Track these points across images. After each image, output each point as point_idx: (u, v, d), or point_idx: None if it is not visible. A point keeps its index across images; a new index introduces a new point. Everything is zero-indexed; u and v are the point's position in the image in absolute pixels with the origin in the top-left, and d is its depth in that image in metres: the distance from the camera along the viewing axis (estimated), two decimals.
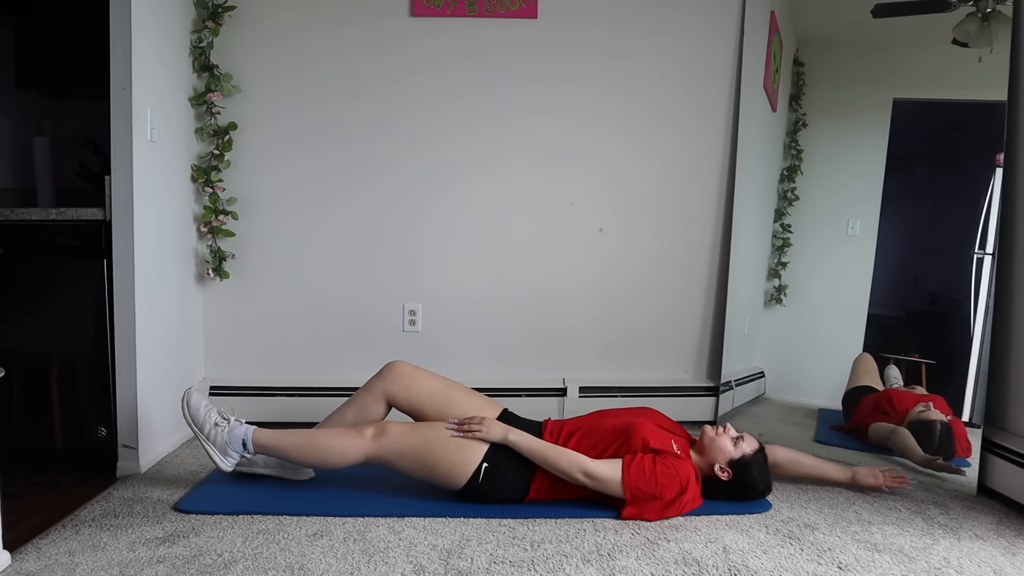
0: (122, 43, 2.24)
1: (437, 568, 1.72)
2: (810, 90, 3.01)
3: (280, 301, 2.98)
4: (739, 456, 2.11)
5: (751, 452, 2.13)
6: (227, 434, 2.10)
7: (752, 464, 2.12)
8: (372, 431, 2.07)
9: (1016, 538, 1.97)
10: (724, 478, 2.11)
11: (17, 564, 1.72)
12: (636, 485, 1.98)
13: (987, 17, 2.43)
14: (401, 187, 2.97)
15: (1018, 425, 2.28)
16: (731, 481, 2.11)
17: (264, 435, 2.11)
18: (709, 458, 2.14)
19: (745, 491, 2.13)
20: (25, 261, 2.34)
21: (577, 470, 2.00)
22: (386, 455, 2.06)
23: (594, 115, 2.99)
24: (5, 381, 2.13)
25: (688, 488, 2.02)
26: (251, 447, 2.10)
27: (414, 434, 2.08)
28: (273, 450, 2.12)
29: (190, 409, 2.13)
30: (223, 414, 2.14)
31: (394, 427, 2.09)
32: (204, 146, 2.83)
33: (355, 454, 2.07)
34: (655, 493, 1.99)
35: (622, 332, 3.09)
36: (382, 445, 2.05)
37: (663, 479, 1.99)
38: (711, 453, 2.14)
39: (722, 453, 2.12)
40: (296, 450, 2.11)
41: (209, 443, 2.10)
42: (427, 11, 2.91)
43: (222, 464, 2.10)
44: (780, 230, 3.05)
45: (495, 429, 2.05)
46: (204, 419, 2.11)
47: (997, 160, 2.38)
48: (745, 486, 2.13)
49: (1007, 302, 2.35)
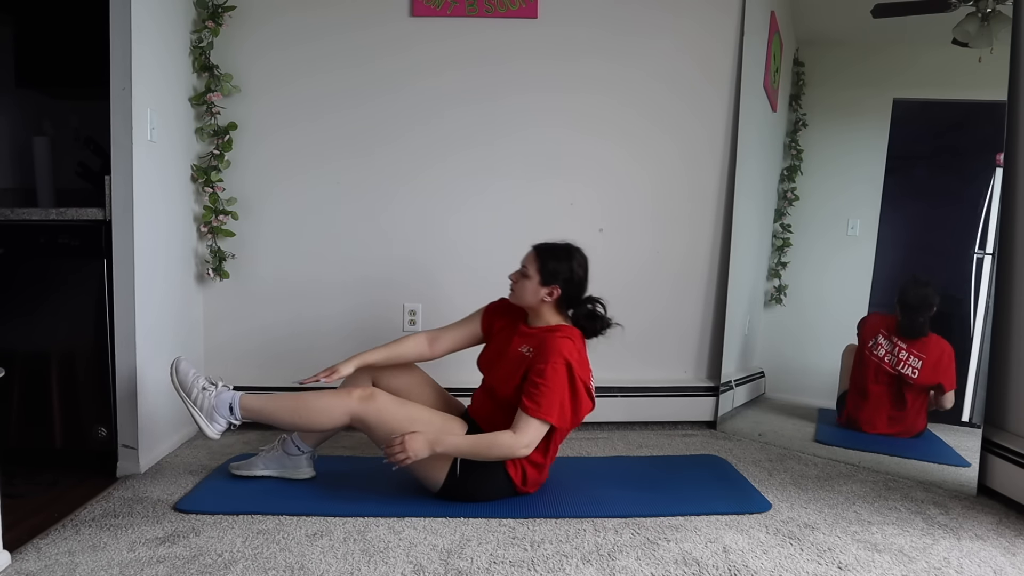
0: (122, 43, 2.24)
1: (437, 568, 1.72)
2: (810, 90, 3.01)
3: (280, 301, 2.98)
4: (538, 275, 2.12)
5: (538, 260, 2.13)
6: (214, 398, 2.07)
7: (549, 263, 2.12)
8: (360, 391, 2.08)
9: (1016, 538, 1.97)
10: (558, 294, 2.12)
11: (17, 564, 1.72)
12: (543, 409, 1.98)
13: (987, 17, 2.43)
14: (401, 187, 2.97)
15: (1018, 425, 2.28)
16: (564, 287, 2.12)
17: (251, 400, 2.10)
18: (534, 302, 2.15)
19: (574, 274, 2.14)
20: (25, 261, 2.34)
21: (513, 450, 1.99)
22: (370, 419, 2.06)
23: (594, 115, 2.99)
24: (5, 381, 2.13)
25: (567, 355, 2.02)
26: (238, 412, 2.08)
27: (401, 408, 2.08)
28: (260, 414, 2.10)
29: (178, 375, 2.11)
30: (211, 379, 2.12)
31: (383, 395, 2.09)
32: (204, 146, 2.83)
33: (340, 413, 2.06)
34: (558, 395, 1.99)
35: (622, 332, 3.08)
36: (367, 408, 2.05)
37: (550, 382, 1.99)
38: (530, 301, 2.15)
39: (532, 291, 2.13)
40: (283, 411, 2.10)
41: (196, 408, 2.08)
42: (427, 11, 2.91)
43: (208, 430, 2.07)
44: (780, 230, 3.05)
45: (420, 447, 1.97)
46: (192, 384, 2.09)
47: (997, 160, 2.38)
48: (571, 276, 2.13)
49: (1007, 302, 2.35)
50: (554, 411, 2.00)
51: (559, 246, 2.18)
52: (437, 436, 2.00)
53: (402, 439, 1.97)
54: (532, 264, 2.15)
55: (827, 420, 2.84)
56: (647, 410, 3.04)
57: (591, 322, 2.17)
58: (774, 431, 2.87)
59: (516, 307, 2.24)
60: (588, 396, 2.08)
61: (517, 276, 2.19)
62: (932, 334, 2.61)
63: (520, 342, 2.15)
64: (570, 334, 2.10)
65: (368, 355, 2.23)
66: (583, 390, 2.05)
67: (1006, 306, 2.35)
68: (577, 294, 2.17)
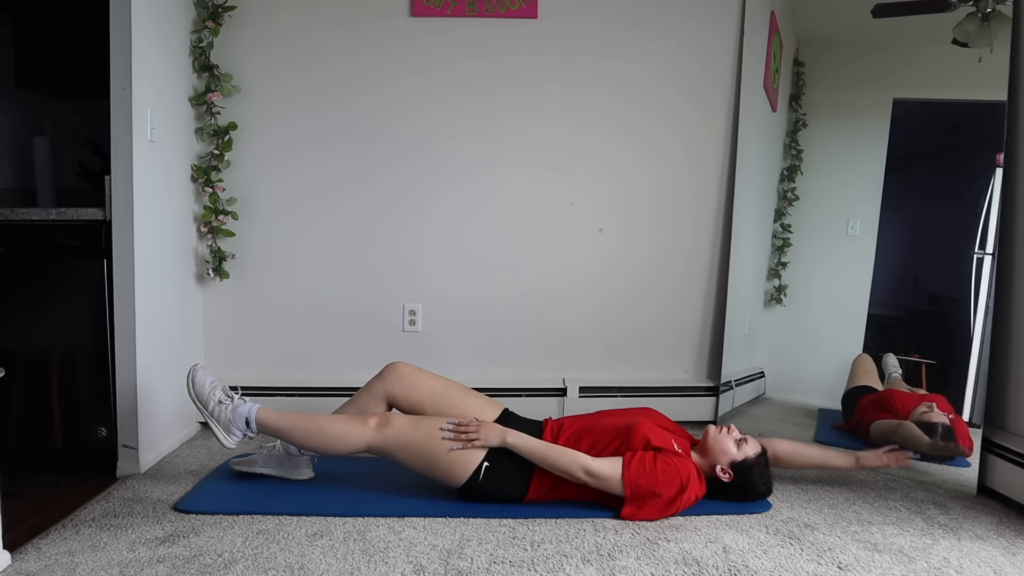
0: (122, 43, 2.24)
1: (437, 568, 1.72)
2: (810, 90, 3.01)
3: (280, 301, 2.98)
4: (741, 459, 2.11)
5: (753, 455, 2.13)
6: (231, 412, 2.10)
7: (754, 468, 2.12)
8: (376, 420, 2.08)
9: (1016, 538, 1.97)
10: (725, 479, 2.11)
11: (17, 564, 1.72)
12: (636, 482, 1.98)
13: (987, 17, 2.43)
14: (401, 187, 2.97)
15: (1018, 425, 2.28)
16: (732, 483, 2.11)
17: (268, 415, 2.11)
18: (711, 459, 2.13)
19: (745, 493, 2.13)
20: (25, 261, 2.34)
21: (578, 468, 1.99)
22: (388, 446, 2.06)
23: (594, 115, 2.99)
24: (5, 381, 2.13)
25: (689, 486, 2.02)
26: (254, 426, 2.10)
27: (418, 428, 2.08)
28: (275, 431, 2.12)
29: (195, 386, 2.13)
30: (227, 392, 2.14)
31: (398, 418, 2.09)
32: (204, 146, 2.83)
33: (357, 442, 2.07)
34: (655, 490, 1.98)
35: (622, 332, 3.09)
36: (385, 435, 2.06)
37: (663, 476, 1.99)
38: (714, 454, 2.13)
39: (724, 454, 2.12)
40: (298, 432, 2.11)
41: (213, 420, 2.10)
42: (427, 11, 2.91)
43: (225, 441, 2.10)
44: (780, 230, 3.05)
45: (493, 433, 2.04)
46: (208, 396, 2.11)
47: (997, 160, 2.38)
48: (746, 488, 2.12)
49: (1007, 302, 2.35)
50: (641, 492, 1.97)
51: (769, 474, 2.16)
52: (511, 430, 2.05)
53: (479, 423, 2.04)
54: (751, 449, 2.13)
55: (827, 420, 2.84)
56: None
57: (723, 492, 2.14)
58: (774, 431, 2.87)
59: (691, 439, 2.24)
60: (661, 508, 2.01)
61: (734, 435, 2.15)
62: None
63: (678, 440, 2.13)
64: (701, 486, 2.08)
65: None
66: (664, 514, 2.02)
67: (1006, 306, 2.35)
68: (724, 493, 2.14)
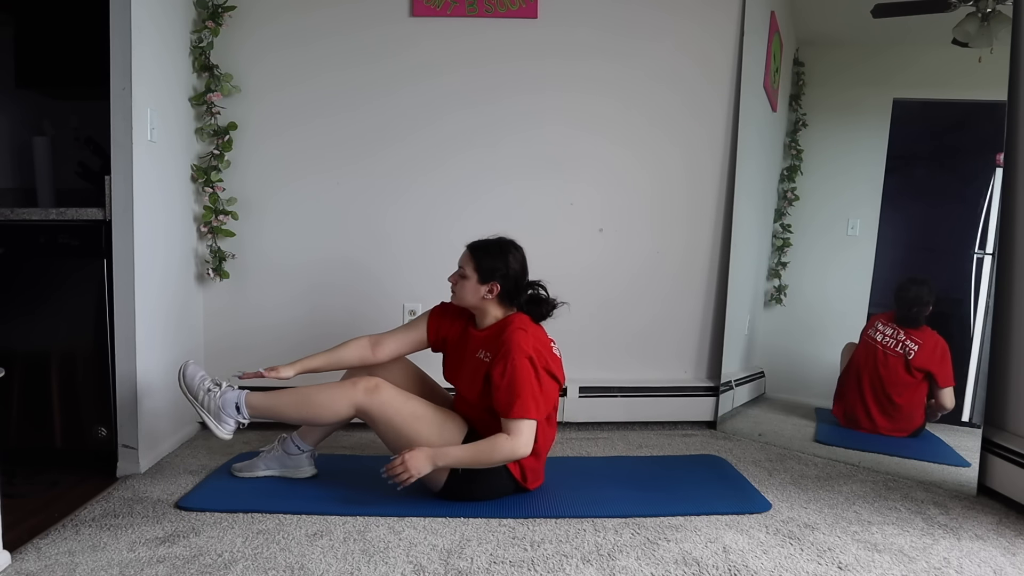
0: (122, 43, 2.24)
1: (437, 568, 1.72)
2: (810, 90, 3.01)
3: (280, 301, 2.98)
4: (476, 273, 2.11)
5: (472, 259, 2.12)
6: (219, 399, 2.08)
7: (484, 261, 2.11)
8: (366, 383, 2.06)
9: (1016, 538, 1.97)
10: (498, 290, 2.11)
11: (17, 564, 1.72)
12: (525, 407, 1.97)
13: (987, 17, 2.43)
14: (401, 187, 2.97)
15: (1018, 425, 2.28)
16: (503, 282, 2.11)
17: (256, 397, 2.11)
18: (476, 302, 2.14)
19: (510, 269, 2.12)
20: (25, 261, 2.34)
21: (513, 452, 1.99)
22: (374, 411, 2.05)
23: (594, 115, 2.99)
24: (5, 381, 2.13)
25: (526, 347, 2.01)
26: (244, 411, 2.09)
27: (407, 403, 2.08)
28: (266, 411, 2.12)
29: (185, 379, 2.12)
30: (215, 380, 2.13)
31: (389, 388, 2.08)
32: (204, 146, 2.83)
33: (345, 405, 2.06)
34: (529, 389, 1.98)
35: (622, 332, 3.09)
36: (372, 400, 2.05)
37: (516, 379, 1.98)
38: (472, 301, 2.14)
39: (472, 291, 2.12)
40: (288, 407, 2.11)
41: (204, 411, 2.09)
42: (427, 11, 2.91)
43: (218, 431, 2.08)
44: (780, 230, 3.05)
45: (421, 464, 1.97)
46: (198, 387, 2.11)
47: (997, 160, 2.38)
48: (507, 270, 2.11)
49: (1007, 302, 2.35)
50: (531, 407, 1.99)
51: (492, 243, 2.17)
52: (437, 450, 2.00)
53: (403, 458, 1.97)
54: (468, 264, 2.14)
55: (827, 420, 2.84)
56: (647, 410, 3.04)
57: (537, 307, 2.17)
58: (774, 431, 2.87)
59: (461, 309, 2.22)
60: (553, 379, 2.09)
61: (456, 278, 2.17)
62: (928, 327, 2.63)
63: (476, 347, 2.14)
64: (521, 324, 2.09)
65: (310, 360, 2.21)
66: (547, 377, 2.06)
67: (1006, 306, 2.35)
68: (516, 287, 2.15)
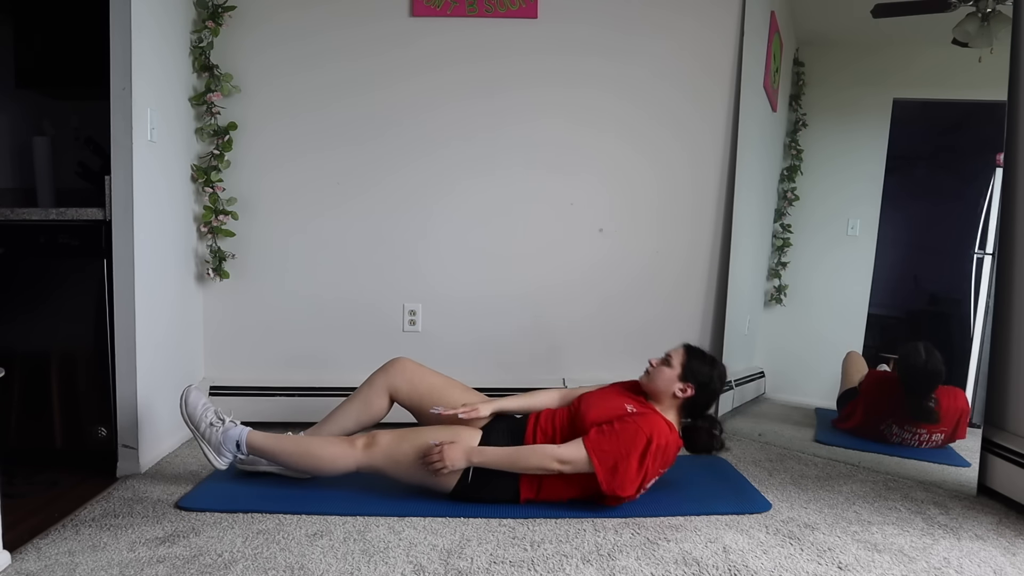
0: (122, 43, 2.24)
1: (437, 568, 1.72)
2: (810, 90, 3.01)
3: (280, 301, 2.98)
4: (681, 369, 2.14)
5: (685, 356, 2.16)
6: (221, 435, 2.12)
7: (694, 362, 2.15)
8: (363, 441, 2.10)
9: (1016, 538, 1.97)
10: (690, 393, 2.13)
11: (17, 564, 1.72)
12: (599, 448, 1.98)
13: (987, 17, 2.43)
14: (401, 187, 2.97)
15: (1018, 425, 2.28)
16: (697, 391, 2.14)
17: (258, 438, 2.14)
18: (664, 392, 2.15)
19: (712, 385, 2.16)
20: (25, 261, 2.34)
21: (549, 460, 2.00)
22: (377, 464, 2.09)
23: (594, 115, 2.99)
24: (5, 381, 2.13)
25: (655, 434, 2.00)
26: (244, 449, 2.13)
27: (403, 442, 2.09)
28: (266, 453, 2.15)
29: (187, 407, 2.16)
30: (219, 414, 2.16)
31: (383, 436, 2.10)
32: (204, 146, 2.83)
33: (346, 464, 2.09)
34: (621, 450, 1.97)
35: (622, 332, 3.09)
36: (373, 455, 2.08)
37: (623, 434, 1.99)
38: (661, 388, 2.15)
39: (668, 380, 2.14)
40: (289, 456, 2.14)
41: (205, 442, 2.14)
42: (427, 11, 2.91)
43: (216, 462, 2.13)
44: (780, 230, 3.05)
45: (457, 457, 2.01)
46: (200, 418, 2.14)
47: (997, 160, 2.38)
48: (708, 383, 2.15)
49: (1007, 302, 2.35)
50: (608, 459, 1.97)
51: (708, 354, 2.22)
52: (475, 448, 2.03)
53: (440, 448, 2.00)
54: (678, 357, 2.17)
55: (826, 420, 2.84)
56: None
57: (699, 435, 2.19)
58: (774, 431, 2.87)
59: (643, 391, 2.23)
60: (640, 481, 2.02)
61: (659, 362, 2.19)
62: (943, 401, 2.51)
63: (630, 401, 2.13)
64: (672, 433, 2.08)
65: (505, 402, 2.26)
66: (641, 473, 2.01)
67: (1006, 306, 2.35)
68: (704, 403, 2.19)
